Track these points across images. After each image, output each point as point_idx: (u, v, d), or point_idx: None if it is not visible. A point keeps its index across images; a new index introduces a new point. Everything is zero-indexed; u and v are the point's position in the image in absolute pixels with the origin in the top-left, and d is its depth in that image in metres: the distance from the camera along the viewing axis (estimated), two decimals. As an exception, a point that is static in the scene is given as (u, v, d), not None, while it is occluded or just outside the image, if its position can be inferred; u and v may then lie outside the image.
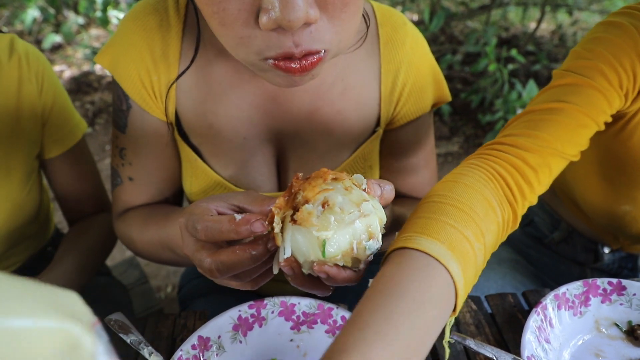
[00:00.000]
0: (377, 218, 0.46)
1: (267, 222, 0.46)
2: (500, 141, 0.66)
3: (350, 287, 1.01)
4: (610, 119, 0.71)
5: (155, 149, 0.76)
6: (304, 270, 0.47)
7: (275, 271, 0.48)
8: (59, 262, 0.85)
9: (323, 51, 0.51)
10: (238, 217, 0.46)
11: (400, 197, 0.86)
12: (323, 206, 0.44)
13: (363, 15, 0.71)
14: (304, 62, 0.50)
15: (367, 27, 0.72)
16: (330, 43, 0.51)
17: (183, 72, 0.68)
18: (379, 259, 0.49)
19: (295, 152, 0.76)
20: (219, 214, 0.51)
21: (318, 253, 0.44)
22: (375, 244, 0.46)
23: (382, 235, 0.47)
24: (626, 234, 0.90)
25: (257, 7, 0.47)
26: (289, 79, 0.53)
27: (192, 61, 0.67)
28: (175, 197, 0.86)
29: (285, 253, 0.46)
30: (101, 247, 0.94)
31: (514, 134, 0.67)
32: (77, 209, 0.96)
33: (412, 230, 0.48)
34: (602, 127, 0.70)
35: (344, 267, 0.46)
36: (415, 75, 0.74)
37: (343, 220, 0.44)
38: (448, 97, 0.81)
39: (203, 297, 1.03)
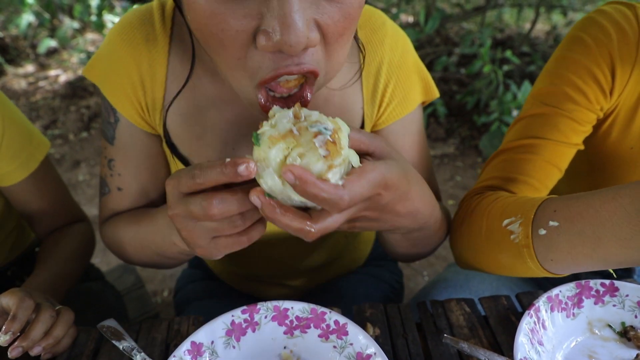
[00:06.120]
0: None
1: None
2: (481, 187, 0.77)
3: (344, 292, 1.01)
4: (589, 131, 0.76)
5: (145, 160, 0.76)
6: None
7: (253, 173, 0.47)
8: (39, 271, 0.84)
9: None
10: (227, 159, 0.47)
11: None
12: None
13: (359, 46, 0.71)
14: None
15: (364, 57, 0.72)
16: (321, 67, 0.51)
17: (178, 93, 0.68)
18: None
19: None
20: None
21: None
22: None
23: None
24: None
25: (256, 28, 0.46)
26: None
27: (187, 80, 0.67)
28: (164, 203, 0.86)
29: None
30: (79, 254, 0.93)
31: (493, 177, 0.77)
32: (46, 227, 0.94)
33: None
34: (582, 146, 0.77)
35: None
36: (397, 74, 0.74)
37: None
38: (436, 93, 0.80)
39: (198, 302, 1.03)
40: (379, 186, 0.50)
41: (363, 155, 0.53)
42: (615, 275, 0.90)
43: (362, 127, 0.76)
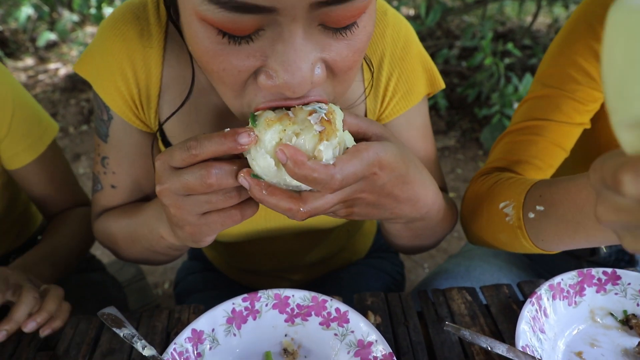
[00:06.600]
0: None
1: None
2: (489, 168, 0.80)
3: (345, 283, 1.01)
4: (596, 109, 0.78)
5: (139, 159, 0.74)
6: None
7: (254, 141, 0.46)
8: (39, 245, 0.86)
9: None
10: (226, 130, 0.46)
11: None
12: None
13: (367, 63, 0.69)
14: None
15: (372, 74, 0.70)
16: (328, 95, 0.50)
17: (182, 104, 0.65)
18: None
19: None
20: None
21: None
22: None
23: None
24: None
25: (258, 67, 0.45)
26: None
27: (188, 95, 0.64)
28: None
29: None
30: (82, 233, 0.93)
31: (499, 159, 0.79)
32: (53, 209, 0.95)
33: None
34: (588, 125, 0.78)
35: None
36: (400, 67, 0.71)
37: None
38: (441, 84, 0.78)
39: (199, 293, 1.03)
40: (373, 165, 0.48)
41: (361, 140, 0.52)
42: (605, 250, 0.92)
43: None
